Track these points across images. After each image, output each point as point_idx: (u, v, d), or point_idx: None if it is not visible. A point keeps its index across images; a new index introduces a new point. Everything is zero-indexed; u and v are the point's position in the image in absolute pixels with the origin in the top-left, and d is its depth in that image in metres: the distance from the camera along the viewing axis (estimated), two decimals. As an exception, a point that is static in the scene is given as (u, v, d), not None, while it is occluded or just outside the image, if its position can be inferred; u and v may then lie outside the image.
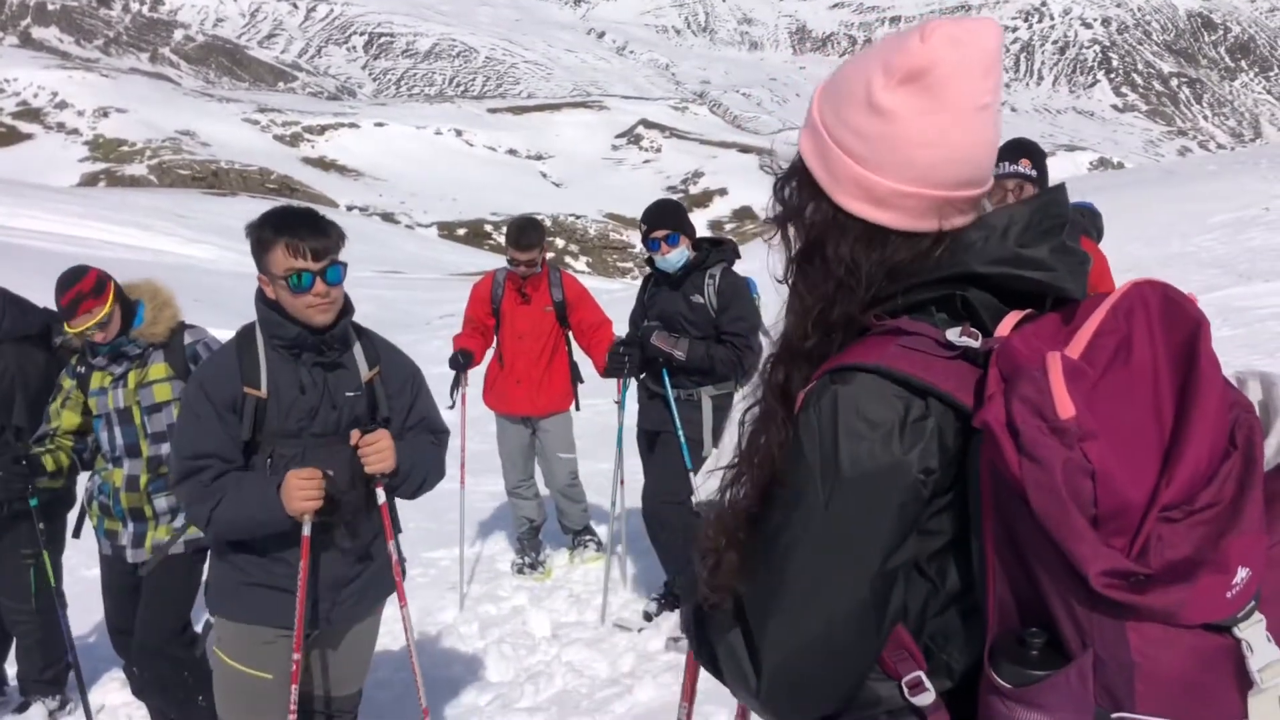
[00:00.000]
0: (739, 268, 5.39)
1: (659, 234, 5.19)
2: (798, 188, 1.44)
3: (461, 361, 6.17)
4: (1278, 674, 1.12)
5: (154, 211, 43.95)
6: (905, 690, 1.32)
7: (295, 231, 3.01)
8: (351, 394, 3.22)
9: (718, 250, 5.32)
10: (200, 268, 27.58)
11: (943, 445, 1.27)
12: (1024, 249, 1.32)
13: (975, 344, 1.27)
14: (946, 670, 1.33)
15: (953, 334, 1.29)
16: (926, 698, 1.31)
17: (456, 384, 6.25)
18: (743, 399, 1.50)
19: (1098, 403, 1.14)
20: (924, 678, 1.31)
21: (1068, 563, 1.10)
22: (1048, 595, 1.16)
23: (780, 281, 1.48)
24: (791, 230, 1.45)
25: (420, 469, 3.30)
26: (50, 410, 4.26)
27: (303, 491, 3.00)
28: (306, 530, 3.08)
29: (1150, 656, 1.10)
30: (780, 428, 1.37)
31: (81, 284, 3.96)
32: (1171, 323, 1.19)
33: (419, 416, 3.38)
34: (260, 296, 3.14)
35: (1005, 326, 1.28)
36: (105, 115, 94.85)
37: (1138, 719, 1.12)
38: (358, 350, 3.28)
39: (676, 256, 5.18)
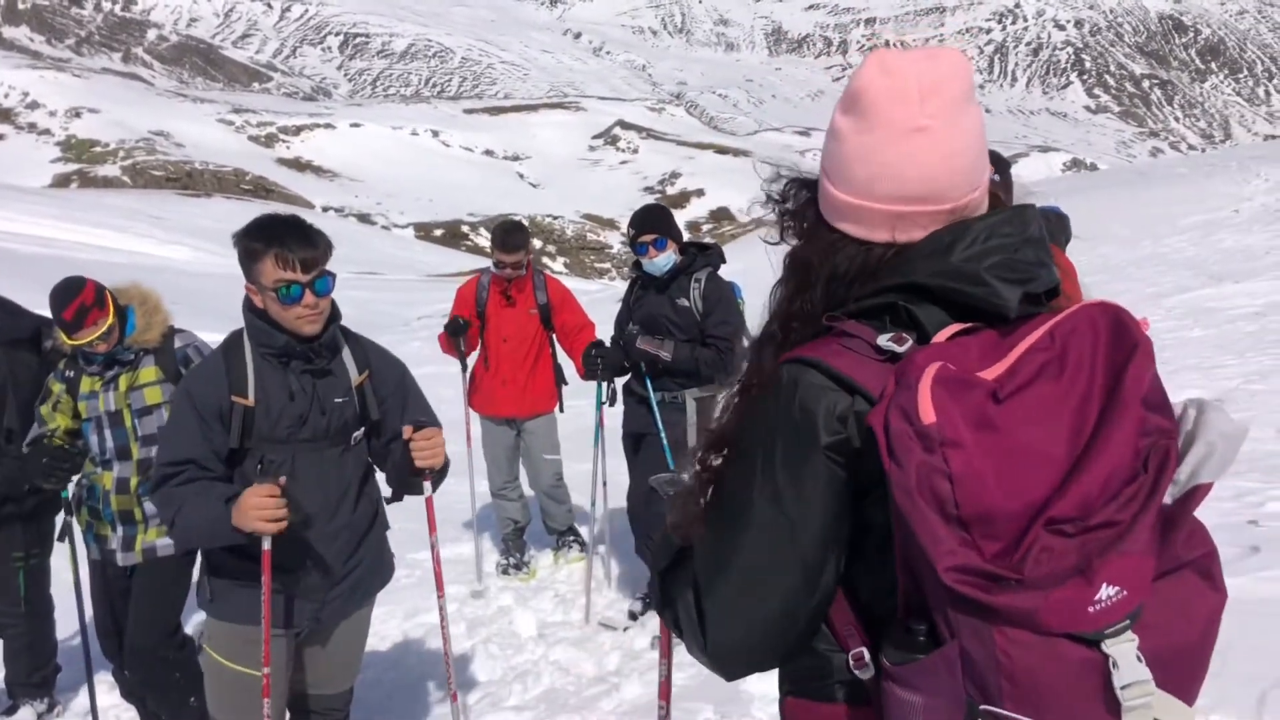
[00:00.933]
0: (723, 271, 5.47)
1: (646, 238, 5.27)
2: (805, 198, 1.59)
3: (462, 324, 6.18)
4: (1143, 694, 1.17)
5: (128, 213, 43.60)
6: (851, 663, 1.46)
7: (284, 242, 3.01)
8: (340, 399, 3.26)
9: (703, 255, 5.40)
10: (175, 269, 27.39)
11: (865, 439, 1.36)
12: (964, 264, 1.39)
13: (900, 350, 1.36)
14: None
15: (884, 339, 1.38)
16: (866, 672, 1.44)
17: (458, 344, 6.24)
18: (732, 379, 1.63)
19: (1010, 413, 1.21)
20: (865, 653, 1.44)
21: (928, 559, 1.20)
22: (924, 588, 1.26)
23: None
24: (787, 237, 1.61)
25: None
26: (41, 412, 4.28)
27: (261, 513, 2.89)
28: (266, 545, 3.03)
29: (1014, 657, 1.17)
30: (744, 404, 1.53)
31: (83, 296, 3.97)
32: (1115, 345, 1.24)
33: (415, 415, 3.42)
34: (248, 305, 3.15)
35: (941, 337, 1.36)
36: (77, 115, 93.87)
37: (1004, 715, 1.19)
38: (346, 355, 3.32)
39: (663, 260, 5.26)
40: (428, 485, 3.36)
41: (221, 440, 3.12)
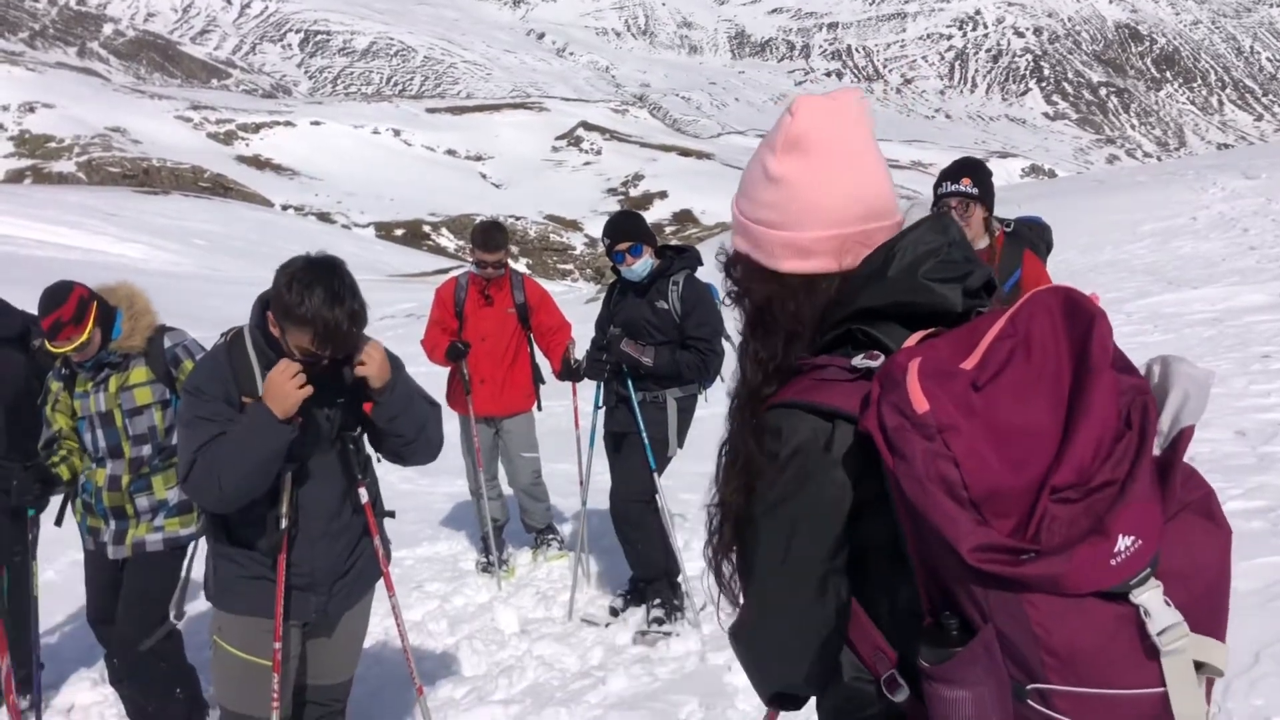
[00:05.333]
0: (701, 273, 5.55)
1: (622, 246, 5.33)
2: (742, 271, 1.66)
3: (461, 349, 6.23)
4: (1179, 636, 1.20)
5: (84, 210, 43.08)
6: (884, 688, 1.46)
7: (333, 329, 2.97)
8: (343, 399, 3.31)
9: (681, 258, 5.47)
10: (132, 267, 27.15)
11: (858, 459, 1.41)
12: (902, 276, 1.47)
13: (874, 364, 1.42)
14: (915, 668, 1.42)
15: (858, 359, 1.45)
16: (902, 694, 1.43)
17: (461, 367, 6.30)
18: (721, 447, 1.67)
19: (991, 398, 1.27)
20: (897, 675, 1.44)
21: (950, 545, 1.21)
22: (948, 579, 1.27)
23: (740, 341, 1.69)
24: (745, 304, 1.67)
25: (419, 406, 3.35)
26: (46, 413, 4.32)
27: (288, 381, 3.00)
28: (284, 524, 3.17)
29: (1049, 629, 1.20)
30: (739, 460, 1.57)
31: (62, 310, 3.97)
32: (1072, 321, 1.31)
33: None
34: (260, 326, 3.15)
35: (909, 344, 1.42)
36: (31, 110, 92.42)
37: (1052, 689, 1.22)
38: None
39: (641, 266, 5.33)
40: (363, 492, 3.36)
41: (235, 415, 3.14)
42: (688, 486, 6.91)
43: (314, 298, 2.95)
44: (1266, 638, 3.86)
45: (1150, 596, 1.20)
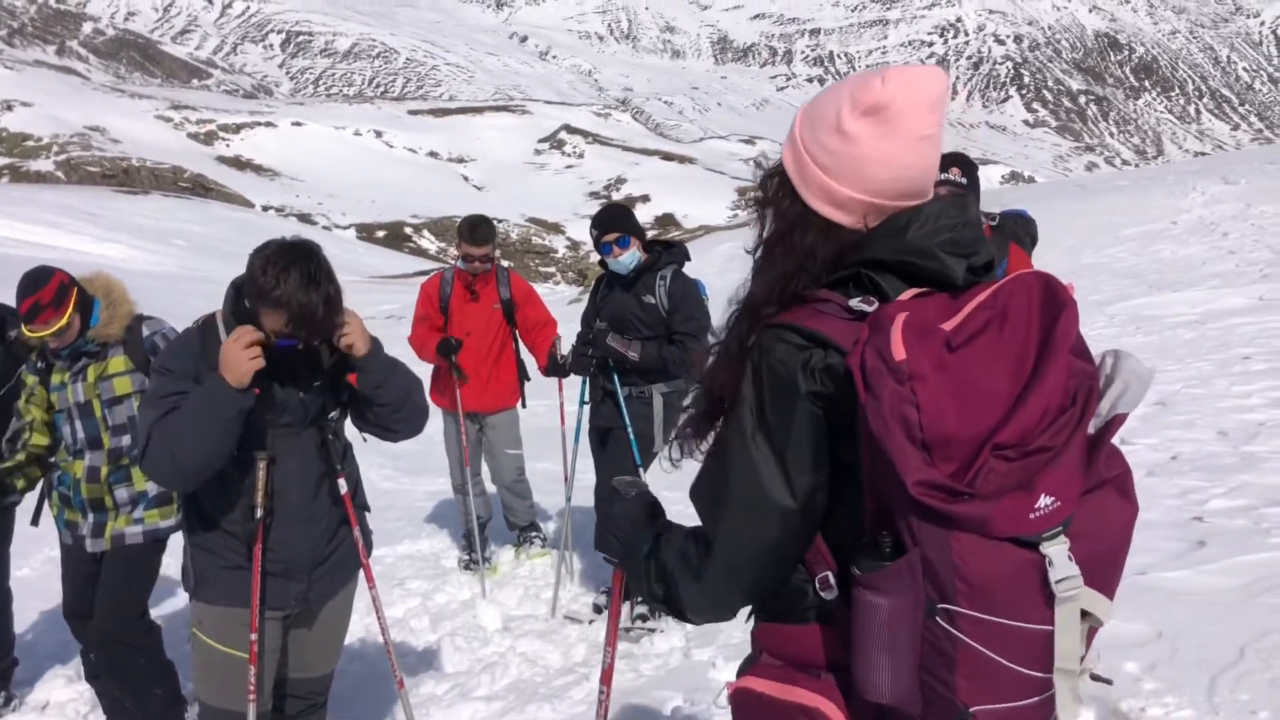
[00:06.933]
0: (688, 269, 5.53)
1: (610, 238, 5.31)
2: (777, 186, 1.77)
3: (454, 345, 6.18)
4: (1072, 587, 1.40)
5: (62, 209, 42.67)
6: (817, 586, 1.66)
7: (308, 315, 2.96)
8: (318, 383, 3.27)
9: (669, 253, 5.45)
10: (111, 267, 26.67)
11: (838, 386, 1.57)
12: (919, 241, 1.63)
13: (869, 309, 1.58)
14: (849, 577, 1.60)
15: (855, 301, 1.62)
16: (831, 593, 1.65)
17: (451, 363, 6.24)
18: (712, 343, 1.82)
19: (961, 358, 1.43)
20: (830, 577, 1.65)
21: (899, 475, 1.39)
22: (891, 505, 1.46)
23: (749, 253, 1.82)
24: (768, 216, 1.78)
25: (403, 373, 3.33)
26: (18, 406, 4.25)
27: (242, 351, 2.94)
28: (259, 514, 3.12)
29: (968, 561, 1.38)
30: (734, 368, 1.71)
31: (41, 294, 3.92)
32: (1047, 305, 1.46)
33: None
34: (235, 309, 3.12)
35: (902, 298, 1.58)
36: (9, 108, 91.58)
37: (959, 611, 1.41)
38: None
39: (629, 258, 5.31)
40: (342, 483, 3.33)
41: None
42: (673, 484, 6.89)
43: (289, 281, 2.94)
44: (1250, 634, 3.86)
45: (1057, 550, 1.39)
